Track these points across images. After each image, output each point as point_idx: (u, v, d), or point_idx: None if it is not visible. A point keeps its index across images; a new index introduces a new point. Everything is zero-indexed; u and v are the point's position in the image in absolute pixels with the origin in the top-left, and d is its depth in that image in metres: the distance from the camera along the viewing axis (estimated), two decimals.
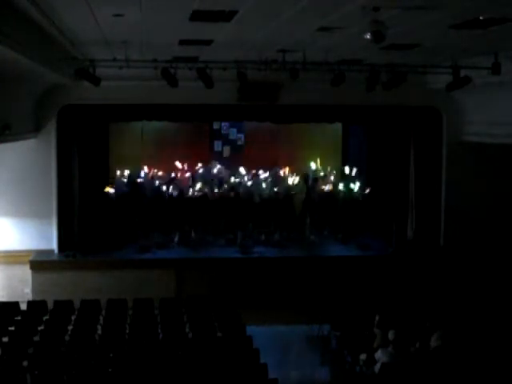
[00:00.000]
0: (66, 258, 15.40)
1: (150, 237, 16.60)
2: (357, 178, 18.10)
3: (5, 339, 11.00)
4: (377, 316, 11.20)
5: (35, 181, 15.72)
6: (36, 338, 11.27)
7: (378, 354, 10.02)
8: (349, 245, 16.99)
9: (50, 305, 12.73)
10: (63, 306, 12.61)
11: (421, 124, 16.82)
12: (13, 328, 11.53)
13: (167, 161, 18.91)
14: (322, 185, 18.55)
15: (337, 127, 19.34)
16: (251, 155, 19.41)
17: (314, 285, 15.32)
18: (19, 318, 12.16)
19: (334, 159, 19.52)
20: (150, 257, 15.76)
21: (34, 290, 14.75)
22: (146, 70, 11.79)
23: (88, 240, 15.86)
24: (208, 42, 11.01)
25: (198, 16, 8.55)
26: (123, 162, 17.96)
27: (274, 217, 17.48)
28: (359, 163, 18.94)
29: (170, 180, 17.79)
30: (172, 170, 18.26)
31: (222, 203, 17.65)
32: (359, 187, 17.87)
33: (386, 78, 12.47)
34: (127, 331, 11.61)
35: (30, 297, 14.33)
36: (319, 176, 18.79)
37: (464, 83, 12.04)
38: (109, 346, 10.71)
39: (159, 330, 11.65)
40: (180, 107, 16.07)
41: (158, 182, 17.81)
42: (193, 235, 16.85)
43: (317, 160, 19.19)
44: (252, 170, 18.77)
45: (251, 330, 11.55)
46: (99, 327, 12.00)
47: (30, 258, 15.19)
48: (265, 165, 19.11)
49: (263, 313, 14.11)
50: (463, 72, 12.04)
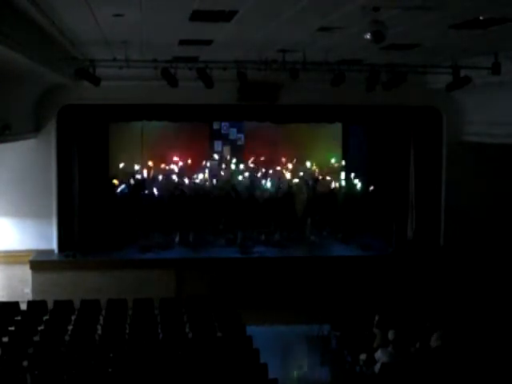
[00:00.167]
0: (66, 258, 15.39)
1: (150, 237, 16.58)
2: (357, 178, 18.12)
3: (5, 339, 11.00)
4: (376, 316, 11.21)
5: (35, 181, 15.71)
6: (36, 338, 11.27)
7: (378, 354, 10.02)
8: (349, 245, 16.98)
9: (50, 305, 12.72)
10: (63, 306, 12.60)
11: (421, 124, 16.80)
12: (13, 328, 11.53)
13: (167, 161, 18.96)
14: (322, 185, 18.57)
15: (337, 127, 19.34)
16: (251, 155, 19.43)
17: (314, 285, 15.31)
18: (19, 318, 12.16)
19: (334, 159, 19.53)
20: (150, 257, 15.75)
21: (34, 290, 14.75)
22: (146, 70, 11.78)
23: (88, 240, 15.85)
24: (208, 42, 11.01)
25: (198, 16, 8.55)
26: (123, 162, 17.99)
27: (274, 217, 17.46)
28: (359, 163, 18.95)
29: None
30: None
31: (222, 203, 17.66)
32: (360, 187, 17.89)
33: (386, 78, 12.47)
34: (127, 331, 11.61)
35: (30, 297, 14.33)
36: (319, 176, 18.82)
37: (464, 83, 12.04)
38: (109, 346, 10.71)
39: (159, 330, 11.65)
40: (180, 107, 16.06)
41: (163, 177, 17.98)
42: (193, 235, 16.83)
43: (317, 160, 19.22)
44: (252, 171, 18.80)
45: (251, 330, 11.55)
46: (99, 327, 11.99)
47: (30, 258, 15.18)
48: (265, 165, 19.13)
49: (263, 313, 14.10)
50: (463, 72, 12.04)
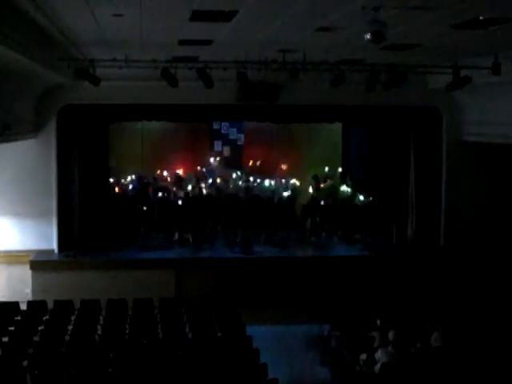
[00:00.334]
0: (66, 258, 15.39)
1: (150, 237, 16.59)
2: (357, 178, 18.14)
3: (5, 339, 10.98)
4: (378, 320, 11.06)
5: (35, 181, 15.71)
6: (36, 338, 11.25)
7: (378, 354, 10.00)
8: (349, 245, 16.99)
9: (50, 305, 12.71)
10: (63, 306, 12.59)
11: (421, 124, 16.80)
12: (13, 328, 11.52)
13: (167, 161, 18.97)
14: (322, 185, 18.57)
15: (337, 127, 19.34)
16: (251, 155, 19.44)
17: (314, 285, 15.30)
18: (19, 318, 12.15)
19: (334, 159, 19.55)
20: (150, 257, 15.74)
21: (34, 290, 14.74)
22: (146, 70, 11.78)
23: (88, 240, 15.84)
24: (208, 42, 11.02)
25: (198, 16, 8.56)
26: (123, 162, 18.00)
27: (275, 217, 17.47)
28: (359, 163, 18.96)
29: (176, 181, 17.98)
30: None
31: (222, 203, 17.66)
32: (360, 186, 17.91)
33: (386, 78, 12.47)
34: (127, 331, 11.60)
35: (30, 297, 14.32)
36: (319, 176, 18.82)
37: (464, 83, 12.04)
38: (109, 346, 10.70)
39: (159, 330, 11.64)
40: (180, 107, 16.06)
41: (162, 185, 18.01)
42: (193, 235, 16.82)
43: (317, 160, 19.23)
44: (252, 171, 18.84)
45: (251, 330, 11.54)
46: (99, 327, 11.98)
47: (30, 258, 15.18)
48: (265, 165, 19.15)
49: (263, 313, 14.09)
50: (463, 72, 12.03)
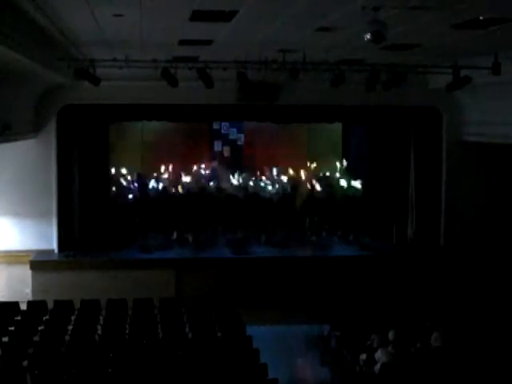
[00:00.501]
0: (66, 258, 15.39)
1: (150, 237, 16.59)
2: (357, 178, 18.13)
3: (5, 339, 10.98)
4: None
5: (35, 181, 15.71)
6: (36, 338, 11.25)
7: (378, 354, 10.01)
8: (349, 245, 16.99)
9: (50, 305, 12.71)
10: (63, 306, 12.59)
11: (421, 124, 16.80)
12: (13, 328, 11.52)
13: (167, 161, 18.96)
14: (322, 185, 18.57)
15: (337, 127, 19.34)
16: (251, 155, 19.44)
17: (314, 285, 15.30)
18: (19, 318, 12.15)
19: (334, 159, 19.54)
20: (150, 257, 15.74)
21: (34, 290, 14.74)
22: (146, 70, 11.78)
23: (88, 240, 15.84)
24: (208, 42, 11.01)
25: (198, 16, 8.56)
26: (123, 162, 18.00)
27: (275, 217, 17.46)
28: (359, 163, 18.95)
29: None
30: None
31: (222, 203, 17.66)
32: (360, 187, 17.90)
33: (386, 78, 12.47)
34: (127, 331, 11.60)
35: (30, 297, 14.32)
36: (319, 176, 18.82)
37: (464, 83, 12.04)
38: (109, 346, 10.70)
39: (159, 330, 11.64)
40: (180, 107, 16.06)
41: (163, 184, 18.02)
42: (193, 235, 16.83)
43: (317, 160, 19.22)
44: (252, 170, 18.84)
45: (251, 330, 11.54)
46: (99, 327, 11.98)
47: (30, 258, 15.17)
48: (265, 165, 19.14)
49: (263, 313, 14.09)
50: (463, 72, 12.03)
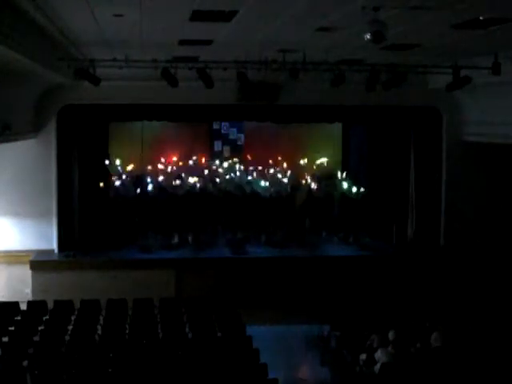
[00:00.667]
0: (66, 258, 15.39)
1: (150, 237, 16.59)
2: (357, 178, 18.13)
3: (5, 339, 10.99)
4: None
5: (35, 181, 15.71)
6: (36, 338, 11.26)
7: (378, 354, 10.01)
8: (349, 245, 16.99)
9: (50, 305, 12.71)
10: (63, 306, 12.59)
11: (421, 124, 16.80)
12: (13, 328, 11.52)
13: (167, 161, 18.99)
14: (322, 185, 18.56)
15: (337, 127, 19.33)
16: (251, 155, 19.44)
17: (314, 285, 15.31)
18: (19, 318, 12.15)
19: (334, 159, 19.54)
20: (150, 257, 15.75)
21: (34, 290, 14.74)
22: (146, 70, 11.78)
23: (88, 240, 15.85)
24: (208, 42, 11.01)
25: (198, 16, 8.55)
26: (123, 162, 18.01)
27: (275, 217, 17.46)
28: (359, 163, 18.95)
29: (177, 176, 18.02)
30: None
31: (222, 203, 17.66)
32: (360, 186, 17.90)
33: (386, 78, 12.47)
34: (127, 331, 11.61)
35: (30, 297, 14.32)
36: (319, 176, 18.81)
37: (464, 83, 12.04)
38: (109, 346, 10.70)
39: (159, 330, 11.65)
40: (180, 107, 16.06)
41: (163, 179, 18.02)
42: (192, 235, 16.82)
43: (317, 160, 19.21)
44: (252, 170, 18.82)
45: (251, 330, 11.54)
46: (99, 327, 11.98)
47: (30, 258, 15.18)
48: (265, 165, 19.13)
49: (263, 313, 14.09)
50: (463, 72, 12.03)
